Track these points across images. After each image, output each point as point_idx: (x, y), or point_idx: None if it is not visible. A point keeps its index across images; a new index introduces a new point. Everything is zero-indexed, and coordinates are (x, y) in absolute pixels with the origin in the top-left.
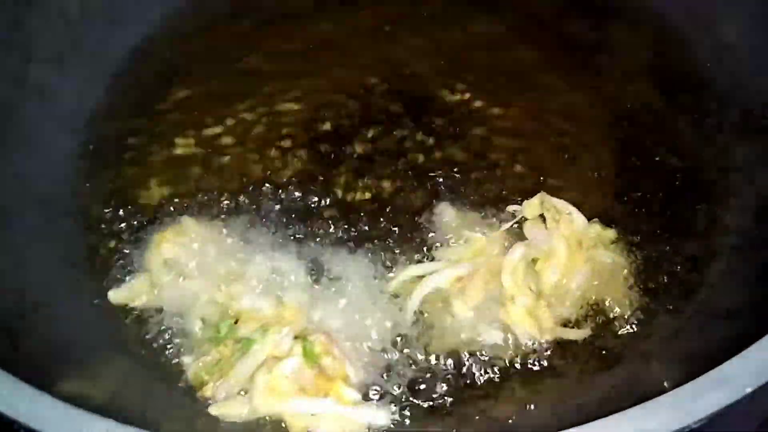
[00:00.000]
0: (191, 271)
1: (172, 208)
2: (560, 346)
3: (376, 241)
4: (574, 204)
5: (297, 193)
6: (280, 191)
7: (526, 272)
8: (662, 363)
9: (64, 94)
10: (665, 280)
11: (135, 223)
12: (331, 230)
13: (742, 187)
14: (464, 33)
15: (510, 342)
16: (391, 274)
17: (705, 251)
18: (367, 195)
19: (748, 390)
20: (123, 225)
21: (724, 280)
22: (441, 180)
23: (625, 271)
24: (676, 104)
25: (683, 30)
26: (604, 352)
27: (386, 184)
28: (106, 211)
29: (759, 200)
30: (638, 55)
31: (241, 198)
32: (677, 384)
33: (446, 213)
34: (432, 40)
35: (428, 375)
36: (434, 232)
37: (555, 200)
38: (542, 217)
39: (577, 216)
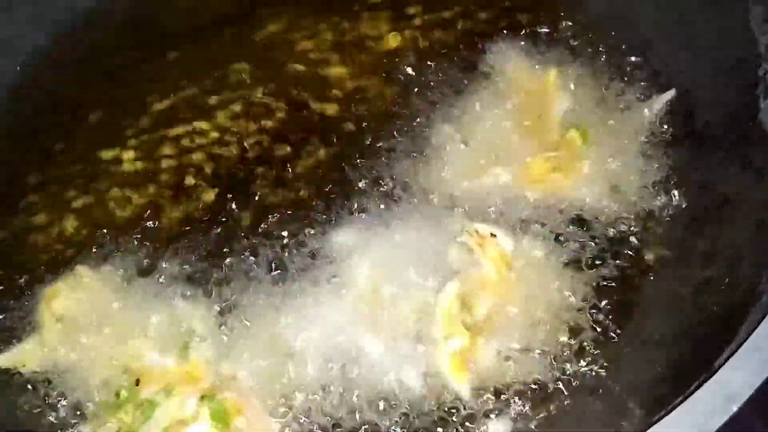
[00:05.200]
0: (87, 327)
1: (63, 258)
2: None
3: (287, 279)
4: None
5: (199, 236)
6: (183, 232)
7: (460, 307)
8: (598, 397)
9: None
10: (601, 300)
11: (22, 275)
12: (238, 273)
13: (670, 198)
14: None
15: (437, 389)
16: None
17: (638, 267)
18: (275, 229)
19: None
20: (8, 278)
21: (658, 302)
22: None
23: (559, 290)
24: None
25: None
26: (534, 394)
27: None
28: None
29: (687, 211)
30: None
31: (140, 243)
32: None
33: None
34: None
35: (352, 429)
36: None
37: (476, 224)
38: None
39: (503, 236)
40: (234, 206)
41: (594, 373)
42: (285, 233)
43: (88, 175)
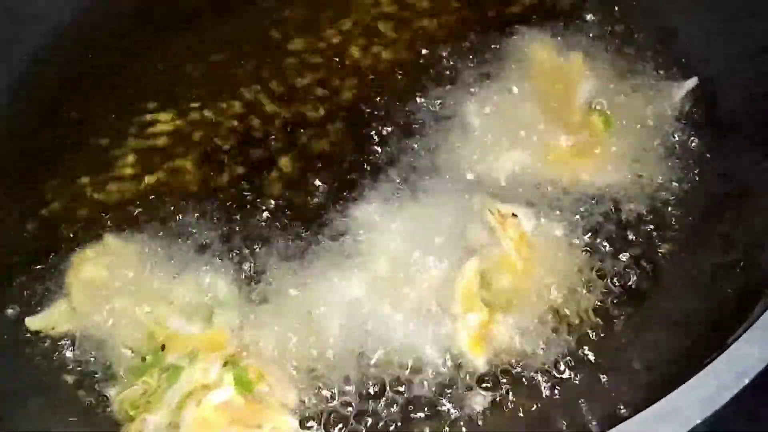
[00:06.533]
0: (115, 293)
1: (92, 226)
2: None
3: (309, 250)
4: None
5: (224, 205)
6: (208, 204)
7: (480, 284)
8: (613, 375)
9: None
10: (618, 281)
11: (53, 242)
12: (262, 242)
13: (690, 184)
14: None
15: (454, 362)
16: None
17: (654, 252)
18: (298, 201)
19: (697, 421)
20: (39, 245)
21: (675, 284)
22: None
23: (577, 270)
24: None
25: None
26: (550, 370)
27: (315, 187)
28: (21, 229)
29: (707, 197)
30: None
31: (166, 212)
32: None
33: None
34: None
35: (371, 398)
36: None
37: (498, 204)
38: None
39: (524, 217)
40: (259, 181)
41: (609, 352)
42: (309, 208)
43: (114, 145)
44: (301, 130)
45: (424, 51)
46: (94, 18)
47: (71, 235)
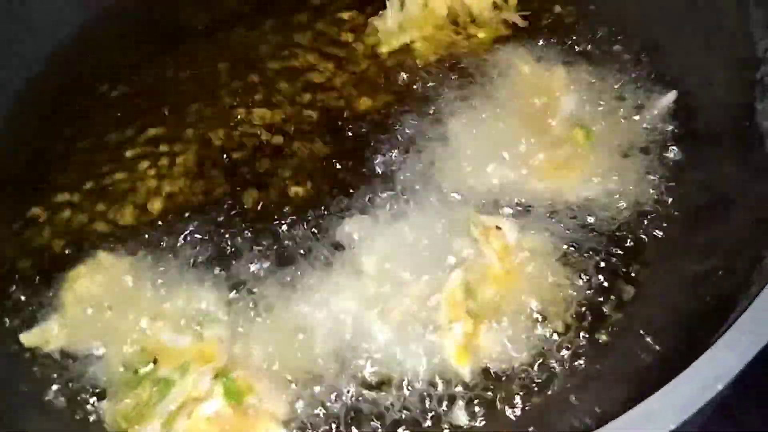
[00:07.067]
0: (108, 308)
1: (85, 243)
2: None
3: (297, 263)
4: None
5: (214, 221)
6: (198, 219)
7: (465, 294)
8: (594, 384)
9: None
10: (599, 292)
11: (47, 259)
12: (251, 256)
13: (670, 195)
14: None
15: (440, 372)
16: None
17: (635, 261)
18: (286, 215)
19: (672, 427)
20: (33, 261)
21: (656, 292)
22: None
23: (559, 281)
24: None
25: None
26: (534, 378)
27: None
28: (15, 245)
29: (686, 208)
30: None
31: (158, 228)
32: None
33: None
34: None
35: (358, 409)
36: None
37: (482, 217)
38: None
39: (507, 229)
40: (248, 195)
41: (592, 359)
42: (298, 221)
43: (108, 162)
44: (290, 147)
45: (408, 69)
46: (91, 34)
47: (65, 252)
